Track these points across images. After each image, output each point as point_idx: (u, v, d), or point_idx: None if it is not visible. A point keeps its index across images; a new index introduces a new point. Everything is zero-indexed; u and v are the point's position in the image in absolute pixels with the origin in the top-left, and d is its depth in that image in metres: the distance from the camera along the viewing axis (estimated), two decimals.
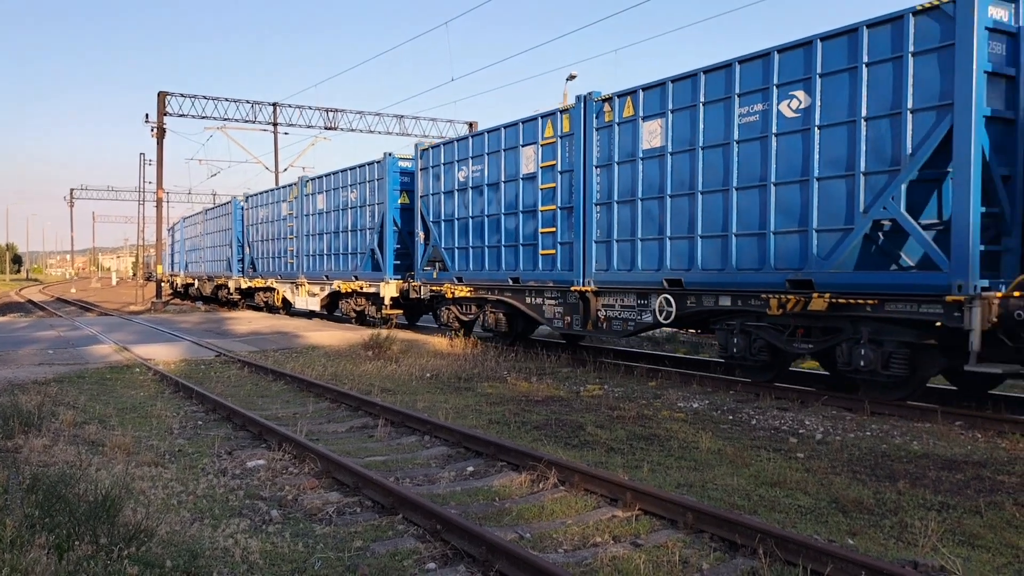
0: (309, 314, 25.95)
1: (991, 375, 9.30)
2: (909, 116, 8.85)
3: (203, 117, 36.73)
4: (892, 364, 9.18)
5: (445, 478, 6.74)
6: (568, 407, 9.85)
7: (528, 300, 15.04)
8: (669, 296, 11.85)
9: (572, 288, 13.66)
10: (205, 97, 36.69)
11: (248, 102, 38.21)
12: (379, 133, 40.78)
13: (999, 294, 8.25)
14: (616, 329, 13.06)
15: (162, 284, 39.10)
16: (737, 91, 10.62)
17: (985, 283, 8.37)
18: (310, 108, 39.51)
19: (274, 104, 39.04)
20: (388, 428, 8.59)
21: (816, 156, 9.74)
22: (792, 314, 10.06)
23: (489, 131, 15.89)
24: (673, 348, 16.52)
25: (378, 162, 20.18)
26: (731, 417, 9.28)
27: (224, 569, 4.56)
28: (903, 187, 8.92)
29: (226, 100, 37.53)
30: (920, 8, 8.69)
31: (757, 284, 10.46)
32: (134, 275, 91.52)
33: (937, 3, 8.54)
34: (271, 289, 28.00)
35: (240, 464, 7.09)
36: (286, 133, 46.92)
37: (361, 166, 21.22)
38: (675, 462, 7.18)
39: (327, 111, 39.87)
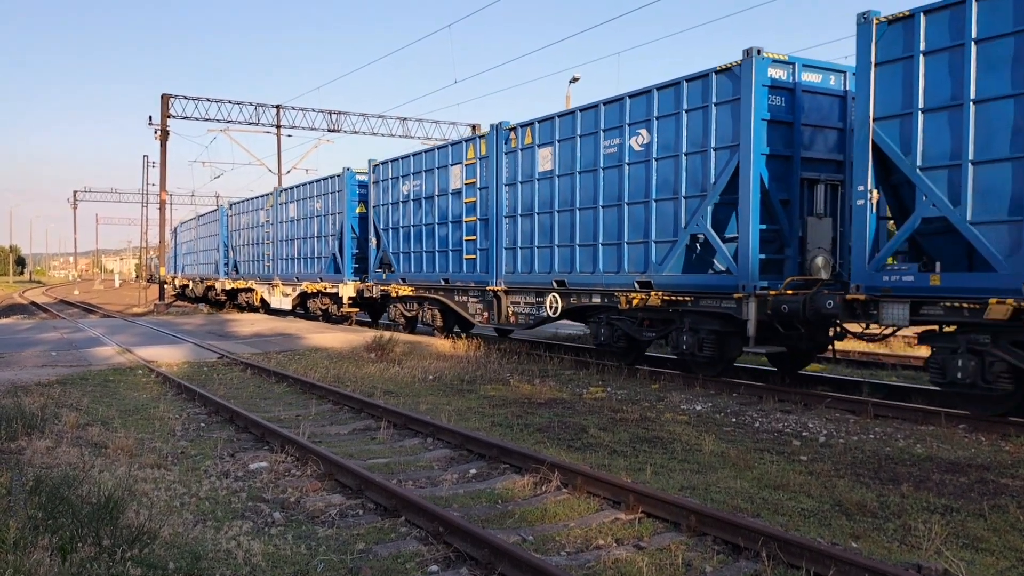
0: (286, 313, 27.24)
1: (805, 358, 12.12)
2: (712, 153, 10.99)
3: (206, 119, 36.74)
4: (705, 347, 11.30)
5: (448, 480, 6.74)
6: (571, 409, 9.84)
7: (456, 298, 17.18)
8: (557, 294, 14.15)
9: (488, 288, 15.84)
10: (208, 99, 36.70)
11: (251, 104, 38.16)
12: (382, 135, 40.69)
13: (773, 292, 10.39)
14: (522, 323, 15.29)
15: (165, 286, 39.14)
16: (602, 127, 12.82)
17: (765, 283, 10.47)
18: (313, 110, 39.49)
19: (277, 106, 38.99)
20: (391, 430, 8.59)
21: (654, 182, 11.90)
22: (638, 309, 12.21)
23: (426, 151, 18.33)
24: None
25: (338, 175, 22.24)
26: (734, 420, 9.28)
27: (227, 571, 4.56)
28: (709, 208, 11.08)
29: (229, 102, 37.52)
30: (719, 68, 10.87)
31: (616, 284, 12.69)
32: (137, 277, 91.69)
33: (729, 66, 10.73)
34: (251, 290, 29.87)
35: (243, 466, 7.10)
36: (289, 135, 46.82)
37: (325, 179, 23.14)
38: (678, 465, 7.17)
39: (330, 113, 39.85)
